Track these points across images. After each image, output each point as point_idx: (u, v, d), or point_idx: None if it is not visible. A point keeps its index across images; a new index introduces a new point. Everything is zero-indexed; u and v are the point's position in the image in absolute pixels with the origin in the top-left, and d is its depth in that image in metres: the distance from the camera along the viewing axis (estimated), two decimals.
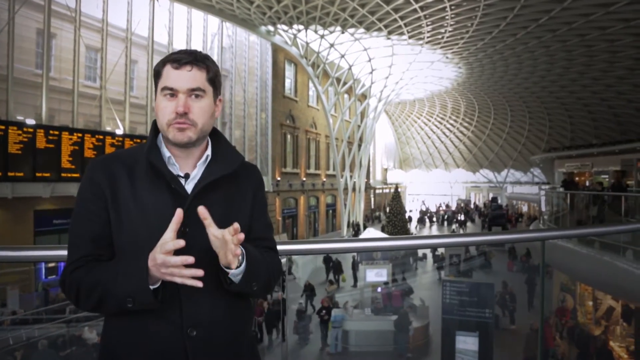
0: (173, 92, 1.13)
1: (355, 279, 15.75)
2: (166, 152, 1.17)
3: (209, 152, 1.21)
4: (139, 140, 14.90)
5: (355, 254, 14.33)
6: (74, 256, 1.11)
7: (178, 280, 1.00)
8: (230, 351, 1.17)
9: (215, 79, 1.18)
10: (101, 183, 1.13)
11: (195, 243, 1.06)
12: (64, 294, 1.13)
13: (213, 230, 1.04)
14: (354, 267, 16.18)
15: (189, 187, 1.16)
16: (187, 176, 1.17)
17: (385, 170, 50.25)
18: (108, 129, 15.36)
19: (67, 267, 1.11)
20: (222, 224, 1.09)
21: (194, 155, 1.20)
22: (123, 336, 1.12)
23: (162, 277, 1.02)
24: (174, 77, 1.13)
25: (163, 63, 1.15)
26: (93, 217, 1.12)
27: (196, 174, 1.18)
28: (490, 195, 45.74)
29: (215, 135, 1.25)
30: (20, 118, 12.62)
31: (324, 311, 10.14)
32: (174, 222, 1.02)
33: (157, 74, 1.16)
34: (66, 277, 1.10)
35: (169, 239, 1.00)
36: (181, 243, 0.99)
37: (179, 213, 1.02)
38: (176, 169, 1.17)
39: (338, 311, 10.15)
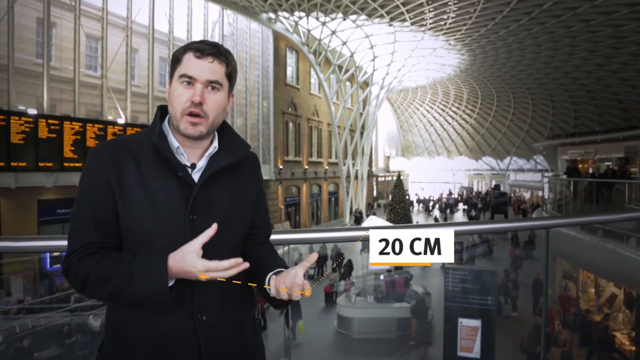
0: (191, 81, 1.13)
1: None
2: (174, 142, 1.17)
3: (216, 144, 1.22)
4: (140, 130, 14.85)
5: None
6: (79, 243, 1.09)
7: (215, 275, 1.04)
8: (237, 334, 1.22)
9: (232, 74, 1.20)
10: (106, 171, 1.11)
11: (203, 231, 1.06)
12: (67, 281, 1.11)
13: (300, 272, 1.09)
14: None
15: (195, 177, 1.17)
16: (193, 166, 1.18)
17: (388, 158, 50.12)
18: (110, 118, 15.33)
19: (72, 254, 1.09)
20: (228, 212, 1.17)
21: (201, 146, 1.20)
22: (134, 322, 1.13)
23: (187, 277, 1.06)
24: (194, 65, 1.13)
25: (184, 50, 1.15)
26: (98, 205, 1.10)
27: (202, 164, 1.19)
28: (493, 183, 45.62)
29: (223, 127, 1.26)
30: (21, 108, 12.59)
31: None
32: (206, 235, 1.04)
33: (176, 60, 1.15)
34: (71, 265, 1.08)
35: (198, 247, 1.03)
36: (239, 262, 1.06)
37: (214, 228, 1.05)
38: (184, 158, 1.18)
39: None
